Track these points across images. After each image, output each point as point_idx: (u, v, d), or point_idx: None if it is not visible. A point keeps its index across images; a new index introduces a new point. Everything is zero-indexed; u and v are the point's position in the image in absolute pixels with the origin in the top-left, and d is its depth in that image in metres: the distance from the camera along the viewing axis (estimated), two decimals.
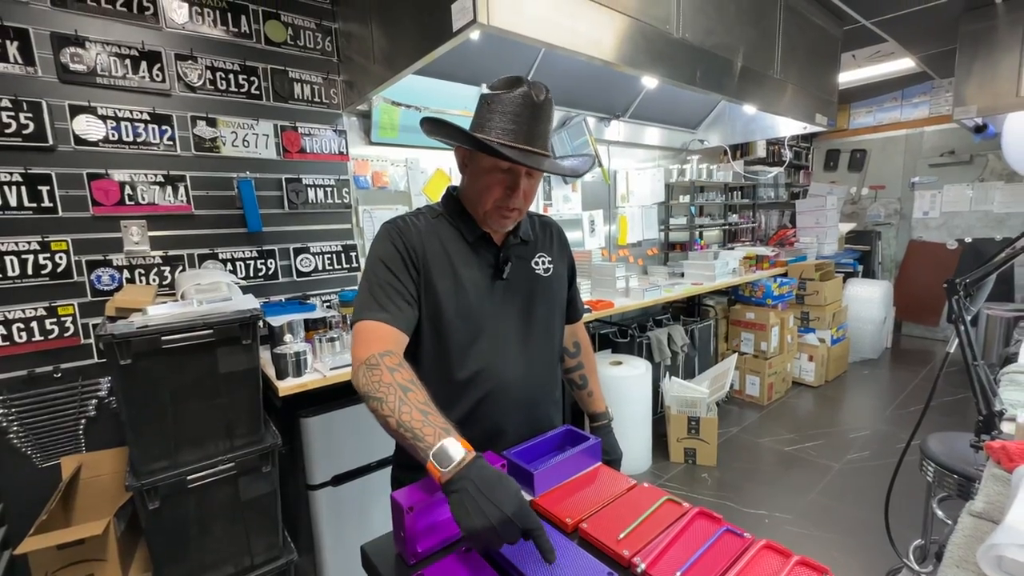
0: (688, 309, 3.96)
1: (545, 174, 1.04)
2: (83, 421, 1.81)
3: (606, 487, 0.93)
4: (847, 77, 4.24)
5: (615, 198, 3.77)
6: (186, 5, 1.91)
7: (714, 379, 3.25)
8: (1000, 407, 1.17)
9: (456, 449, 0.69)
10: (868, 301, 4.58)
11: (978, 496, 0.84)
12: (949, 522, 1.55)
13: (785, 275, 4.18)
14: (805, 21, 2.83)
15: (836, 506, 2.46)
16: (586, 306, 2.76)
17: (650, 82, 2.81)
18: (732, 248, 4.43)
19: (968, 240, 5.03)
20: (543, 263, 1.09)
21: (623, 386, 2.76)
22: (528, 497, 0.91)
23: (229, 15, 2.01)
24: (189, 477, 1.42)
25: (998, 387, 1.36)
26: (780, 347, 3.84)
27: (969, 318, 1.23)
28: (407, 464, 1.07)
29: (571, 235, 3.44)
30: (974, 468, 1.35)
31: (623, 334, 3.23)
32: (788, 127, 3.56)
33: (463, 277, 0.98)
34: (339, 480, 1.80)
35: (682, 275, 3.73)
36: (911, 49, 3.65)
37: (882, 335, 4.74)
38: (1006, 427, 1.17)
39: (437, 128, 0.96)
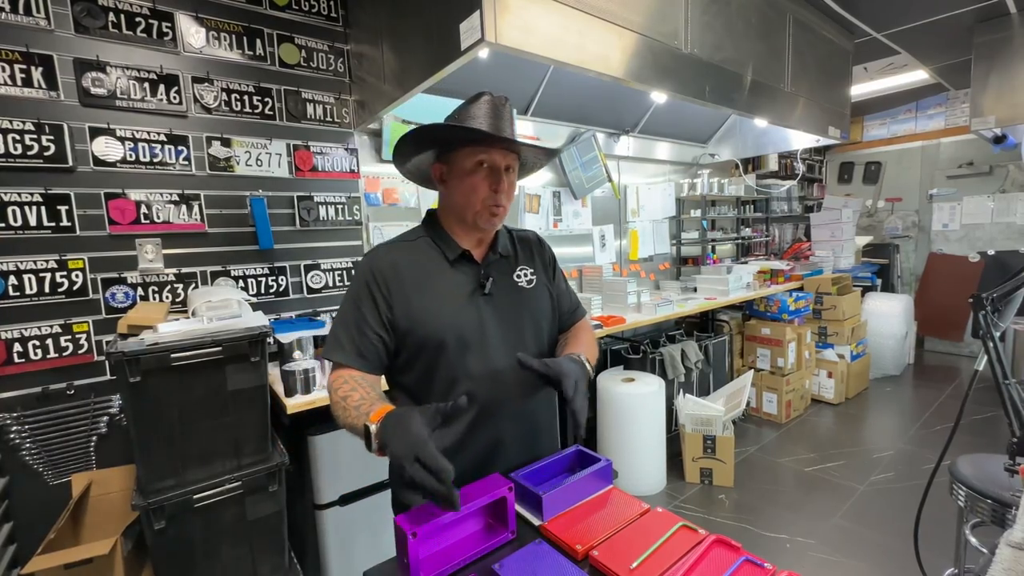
0: (702, 324, 3.89)
1: (556, 192, 1.04)
2: (94, 438, 1.82)
3: (618, 511, 0.89)
4: (860, 89, 4.20)
5: (626, 213, 3.75)
6: (203, 30, 1.97)
7: (730, 396, 3.17)
8: None
9: (368, 425, 0.77)
10: (888, 316, 4.46)
11: (1016, 526, 0.78)
12: (984, 550, 1.46)
13: (801, 289, 4.10)
14: (815, 35, 2.83)
15: (861, 531, 2.36)
16: (597, 322, 2.72)
17: (659, 97, 2.82)
18: (746, 262, 4.36)
19: (991, 253, 4.90)
20: (525, 275, 1.10)
21: (636, 404, 2.70)
22: (537, 522, 0.88)
23: (245, 39, 2.06)
24: (195, 496, 1.41)
25: None
26: (798, 363, 3.74)
27: (998, 334, 1.18)
28: None
29: (581, 250, 3.43)
30: (1009, 493, 1.29)
31: (635, 350, 3.17)
32: (800, 140, 3.53)
33: (444, 295, 0.99)
34: (347, 499, 1.78)
35: (695, 290, 3.68)
36: (924, 61, 3.62)
37: (904, 350, 4.60)
38: None
39: (409, 150, 0.98)
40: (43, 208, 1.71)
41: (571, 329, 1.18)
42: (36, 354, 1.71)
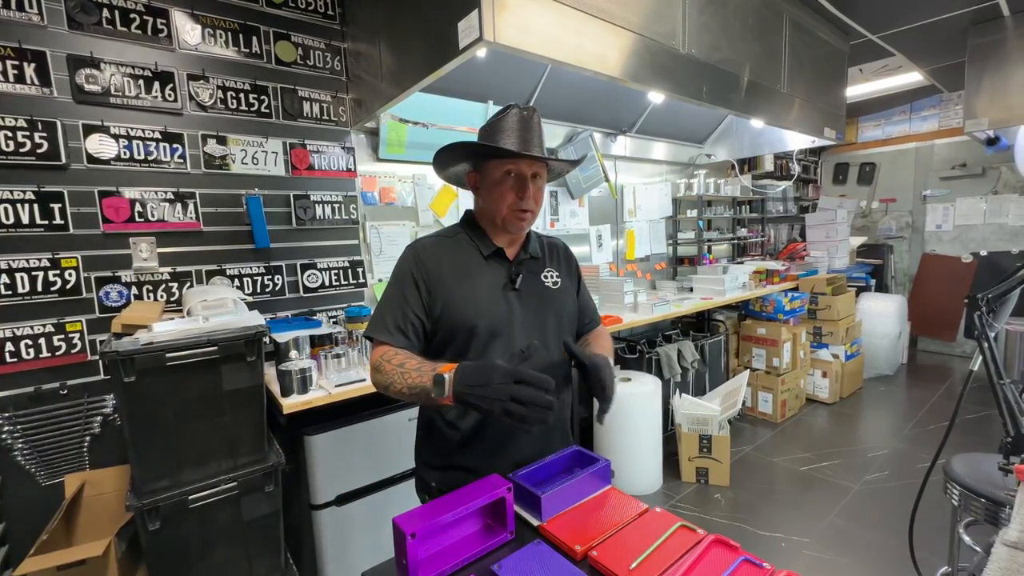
0: (698, 324, 3.90)
1: (553, 192, 1.10)
2: (88, 438, 1.80)
3: (617, 512, 0.89)
4: (855, 91, 4.23)
5: (622, 213, 3.75)
6: (199, 27, 1.95)
7: (726, 396, 3.18)
8: None
9: (441, 375, 0.84)
10: (882, 315, 4.49)
11: (1012, 524, 0.79)
12: (977, 548, 1.47)
13: (796, 289, 4.12)
14: (811, 36, 2.84)
15: (856, 529, 2.37)
16: None
17: (656, 97, 2.82)
18: (741, 262, 4.38)
19: (983, 253, 4.94)
20: (551, 277, 1.17)
21: (632, 403, 2.70)
22: (535, 522, 0.87)
23: (241, 36, 2.05)
24: (190, 497, 1.40)
25: None
26: (793, 363, 3.76)
27: (993, 335, 1.18)
28: (432, 464, 1.13)
29: (578, 250, 3.43)
30: (1003, 492, 1.30)
31: (632, 350, 3.18)
32: (796, 141, 3.54)
33: (479, 286, 1.07)
34: (344, 500, 1.77)
35: (691, 290, 3.69)
36: (919, 63, 3.64)
37: (898, 350, 4.63)
38: None
39: (446, 160, 1.09)
40: (36, 206, 1.69)
41: (590, 334, 1.29)
42: (28, 353, 1.69)
